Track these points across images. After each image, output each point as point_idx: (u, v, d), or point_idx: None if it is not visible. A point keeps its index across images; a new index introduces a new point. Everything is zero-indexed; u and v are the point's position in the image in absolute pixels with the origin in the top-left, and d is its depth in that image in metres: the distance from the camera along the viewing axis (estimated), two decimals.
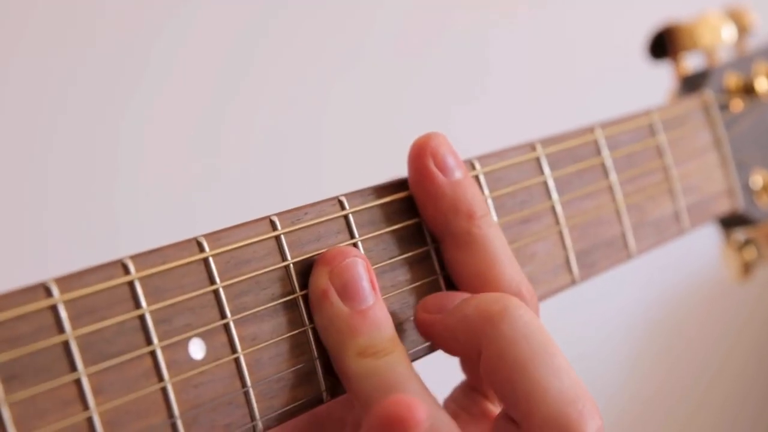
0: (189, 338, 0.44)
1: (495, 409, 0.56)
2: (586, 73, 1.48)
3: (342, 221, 0.51)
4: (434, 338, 0.52)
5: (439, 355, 0.54)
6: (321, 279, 0.49)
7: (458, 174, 0.53)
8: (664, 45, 0.77)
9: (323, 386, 0.49)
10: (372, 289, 0.49)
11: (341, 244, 0.51)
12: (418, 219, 0.54)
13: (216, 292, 0.45)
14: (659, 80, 0.93)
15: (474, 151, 0.59)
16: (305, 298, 0.48)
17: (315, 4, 1.26)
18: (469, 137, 1.34)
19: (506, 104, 1.41)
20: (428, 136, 0.53)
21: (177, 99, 1.15)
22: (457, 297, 0.52)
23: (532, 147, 0.60)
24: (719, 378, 1.69)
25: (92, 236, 1.09)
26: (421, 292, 0.53)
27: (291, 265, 0.48)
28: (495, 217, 0.57)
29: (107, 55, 1.09)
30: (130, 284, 0.43)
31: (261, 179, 1.21)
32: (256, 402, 0.46)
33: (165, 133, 1.14)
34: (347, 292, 0.49)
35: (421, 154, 0.53)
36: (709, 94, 0.73)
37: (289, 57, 1.23)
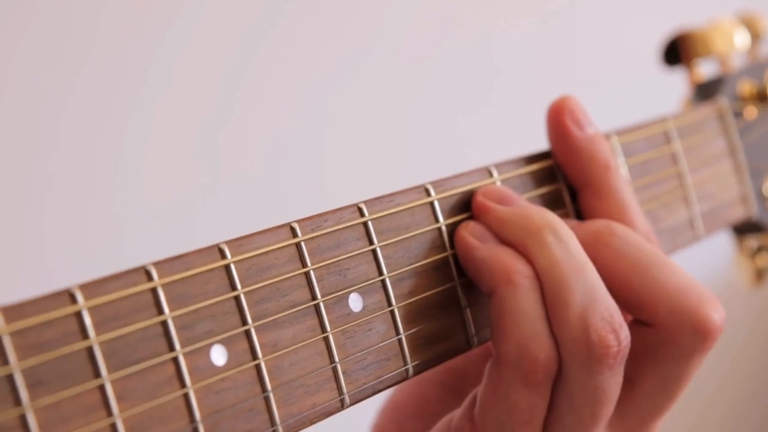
0: (211, 345, 0.44)
1: None
2: (593, 80, 1.48)
3: (361, 228, 0.51)
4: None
5: None
6: None
7: (591, 129, 0.58)
8: (677, 52, 0.77)
9: (344, 391, 0.49)
10: None
11: None
12: (438, 226, 0.54)
13: (237, 299, 0.46)
14: (667, 86, 0.93)
15: (477, 155, 0.59)
16: (325, 304, 0.49)
17: (318, 9, 1.26)
18: (475, 143, 1.35)
19: (513, 111, 1.41)
20: (563, 98, 0.59)
21: (179, 103, 1.15)
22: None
23: (547, 154, 0.60)
24: (726, 381, 1.69)
25: (94, 241, 1.09)
26: (440, 300, 0.53)
27: (311, 272, 0.48)
28: None
29: (109, 63, 1.10)
30: (153, 291, 0.43)
31: (263, 184, 1.21)
32: (277, 408, 0.46)
33: (168, 137, 1.15)
34: None
35: (559, 113, 0.58)
36: (723, 101, 0.73)
37: (293, 62, 1.23)
